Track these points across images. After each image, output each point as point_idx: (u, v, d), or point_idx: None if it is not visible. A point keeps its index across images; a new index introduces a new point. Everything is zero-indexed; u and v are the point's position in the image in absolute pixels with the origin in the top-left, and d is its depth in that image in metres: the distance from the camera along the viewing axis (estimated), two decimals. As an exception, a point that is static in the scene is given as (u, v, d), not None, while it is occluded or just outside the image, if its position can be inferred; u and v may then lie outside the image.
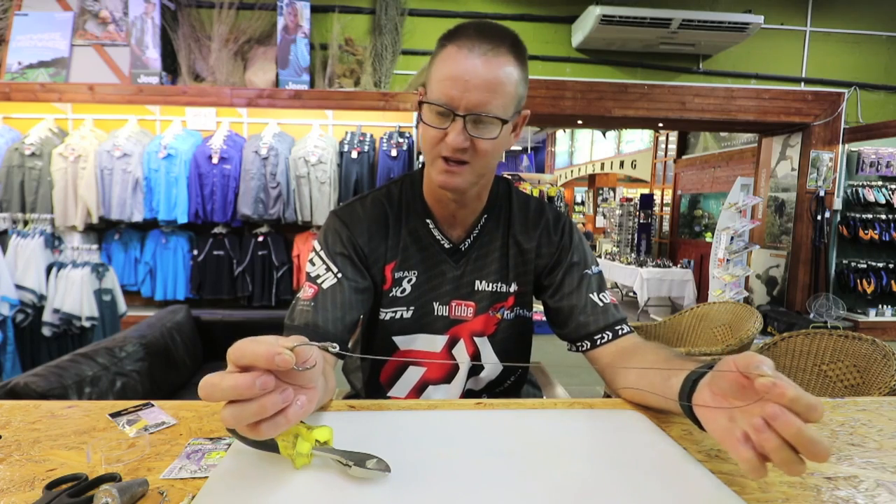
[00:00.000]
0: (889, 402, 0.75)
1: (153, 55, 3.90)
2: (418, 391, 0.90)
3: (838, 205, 4.73)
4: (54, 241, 2.73)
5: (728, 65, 4.60)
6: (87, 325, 2.56)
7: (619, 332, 0.83)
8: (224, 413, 0.40)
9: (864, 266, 4.81)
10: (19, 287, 2.49)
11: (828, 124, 4.62)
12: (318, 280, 0.80)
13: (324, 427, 0.51)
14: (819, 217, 4.63)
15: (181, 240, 3.91)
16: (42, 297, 2.55)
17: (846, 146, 4.68)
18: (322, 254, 0.82)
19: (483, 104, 0.70)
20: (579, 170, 11.78)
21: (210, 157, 3.69)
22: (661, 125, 5.49)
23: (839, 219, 4.77)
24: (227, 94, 3.84)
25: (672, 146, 7.81)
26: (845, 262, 4.85)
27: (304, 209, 3.81)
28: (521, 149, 14.17)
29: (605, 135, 10.27)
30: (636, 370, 0.71)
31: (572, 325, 0.85)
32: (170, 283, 3.89)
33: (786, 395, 0.41)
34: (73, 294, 2.52)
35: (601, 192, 12.61)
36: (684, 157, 7.54)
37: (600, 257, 7.21)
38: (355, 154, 3.84)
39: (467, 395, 0.92)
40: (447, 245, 0.87)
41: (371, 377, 0.93)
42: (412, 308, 0.87)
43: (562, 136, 12.73)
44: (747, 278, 5.09)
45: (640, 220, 7.78)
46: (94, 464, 0.52)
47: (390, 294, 0.86)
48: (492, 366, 0.90)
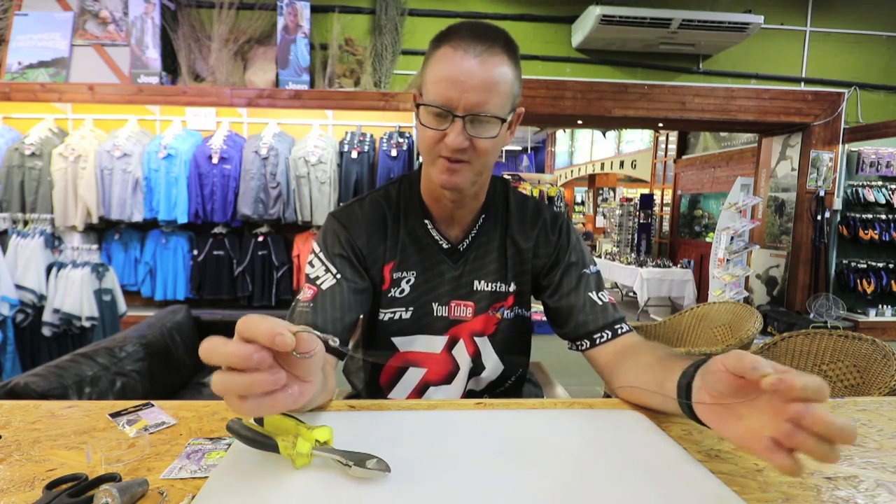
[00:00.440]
0: (889, 402, 0.75)
1: (153, 55, 3.90)
2: (419, 392, 0.90)
3: (838, 205, 4.72)
4: (54, 241, 2.73)
5: (728, 65, 4.60)
6: (87, 325, 2.56)
7: (619, 332, 0.83)
8: (215, 377, 0.41)
9: (864, 266, 4.81)
10: (19, 287, 2.49)
11: (828, 124, 4.61)
12: (318, 281, 0.80)
13: (324, 427, 0.51)
14: (819, 217, 4.63)
15: (181, 240, 3.91)
16: (42, 297, 2.55)
17: (846, 146, 4.67)
18: (321, 255, 0.82)
19: (481, 104, 0.70)
20: (579, 170, 11.78)
21: (210, 157, 3.69)
22: (661, 125, 5.48)
23: (839, 219, 4.77)
24: (227, 94, 3.84)
25: (672, 146, 7.81)
26: (845, 262, 4.84)
27: (304, 209, 3.81)
28: (521, 149, 14.18)
29: (605, 135, 10.27)
30: (634, 371, 0.71)
31: (572, 324, 0.86)
32: (170, 283, 3.89)
33: (795, 388, 0.41)
34: (73, 294, 2.52)
35: (601, 192, 12.61)
36: (684, 157, 7.53)
37: (600, 257, 7.21)
38: (355, 154, 3.84)
39: (468, 396, 0.92)
40: (445, 245, 0.87)
41: (371, 379, 0.93)
42: (411, 309, 0.87)
43: (562, 136, 12.73)
44: (747, 278, 5.09)
45: (640, 220, 7.77)
46: (94, 464, 0.52)
47: (389, 294, 0.86)
48: (492, 366, 0.90)
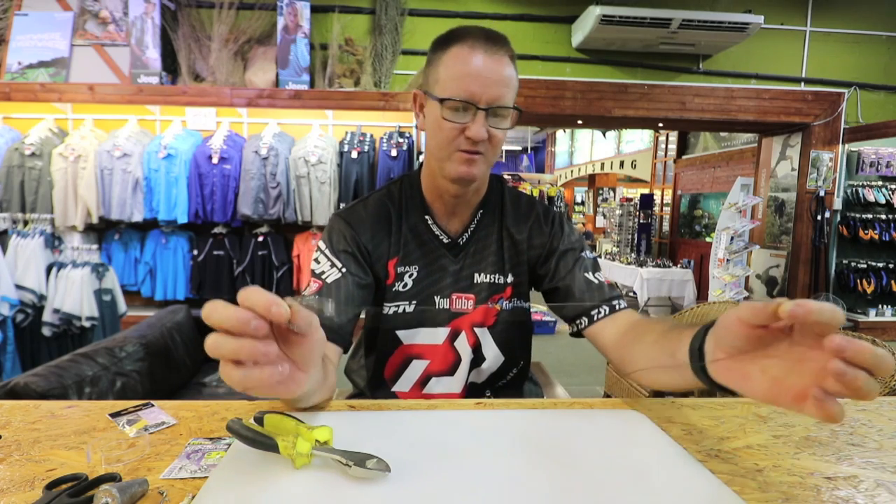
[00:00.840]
0: (889, 402, 0.75)
1: (153, 55, 3.90)
2: (422, 384, 0.92)
3: (838, 205, 4.72)
4: (54, 241, 2.73)
5: (728, 65, 4.60)
6: (87, 325, 2.56)
7: (616, 307, 0.84)
8: (208, 338, 0.41)
9: (864, 266, 4.80)
10: (19, 287, 2.49)
11: (828, 124, 4.61)
12: (323, 276, 0.84)
13: (324, 427, 0.51)
14: (819, 217, 4.63)
15: (181, 240, 3.91)
16: (42, 297, 2.55)
17: (846, 146, 4.67)
18: (327, 252, 0.86)
19: (500, 98, 0.77)
20: (579, 170, 11.78)
21: (210, 157, 3.69)
22: (661, 125, 5.48)
23: (839, 219, 4.76)
24: (227, 94, 3.84)
25: (672, 146, 7.81)
26: (845, 262, 4.84)
27: (304, 209, 3.81)
28: (521, 149, 14.18)
29: (605, 135, 10.27)
30: (642, 351, 0.70)
31: (570, 303, 0.88)
32: (170, 283, 3.89)
33: (812, 311, 0.39)
34: (73, 294, 2.52)
35: (601, 192, 12.61)
36: (684, 157, 7.53)
37: (600, 257, 7.21)
38: (355, 154, 3.84)
39: (470, 388, 0.94)
40: (446, 240, 0.91)
41: (375, 373, 0.95)
42: (414, 302, 0.89)
43: (562, 136, 12.74)
44: (747, 278, 5.09)
45: (640, 220, 7.77)
46: (94, 464, 0.52)
47: (393, 289, 0.89)
48: (493, 356, 0.93)
